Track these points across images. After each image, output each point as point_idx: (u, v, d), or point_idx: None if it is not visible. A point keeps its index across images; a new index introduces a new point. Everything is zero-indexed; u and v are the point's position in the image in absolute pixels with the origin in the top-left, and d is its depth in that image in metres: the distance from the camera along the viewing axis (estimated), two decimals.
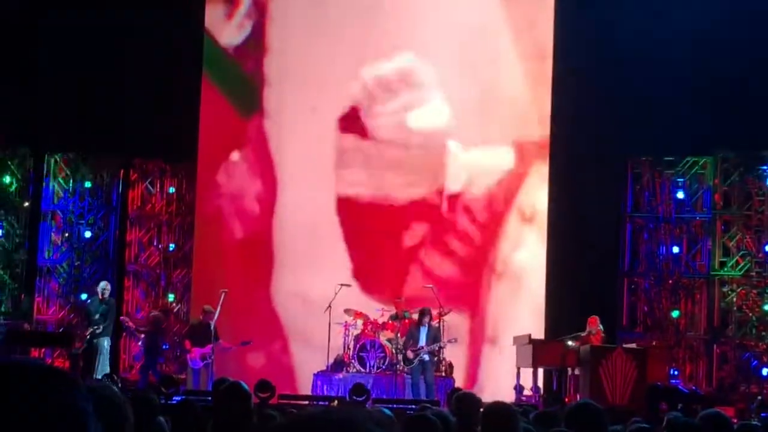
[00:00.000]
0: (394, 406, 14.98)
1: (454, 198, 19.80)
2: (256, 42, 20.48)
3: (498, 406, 5.91)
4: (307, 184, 20.01)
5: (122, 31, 19.86)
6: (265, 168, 20.32)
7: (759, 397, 17.63)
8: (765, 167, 19.80)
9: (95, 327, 17.92)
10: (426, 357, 17.23)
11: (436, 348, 17.52)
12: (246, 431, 4.95)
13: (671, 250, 20.19)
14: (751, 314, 19.75)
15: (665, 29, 18.95)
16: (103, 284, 18.58)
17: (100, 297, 18.27)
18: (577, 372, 16.88)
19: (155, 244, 21.61)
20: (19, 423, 1.70)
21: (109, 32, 19.92)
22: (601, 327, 17.37)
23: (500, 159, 19.84)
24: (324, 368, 18.27)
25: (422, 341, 17.27)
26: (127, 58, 19.97)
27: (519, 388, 17.58)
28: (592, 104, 19.11)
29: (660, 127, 19.52)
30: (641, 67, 19.20)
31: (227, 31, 20.58)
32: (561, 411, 7.67)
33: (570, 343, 16.84)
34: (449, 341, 17.73)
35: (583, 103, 19.13)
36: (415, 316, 17.78)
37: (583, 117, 19.20)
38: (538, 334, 18.24)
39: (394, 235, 19.65)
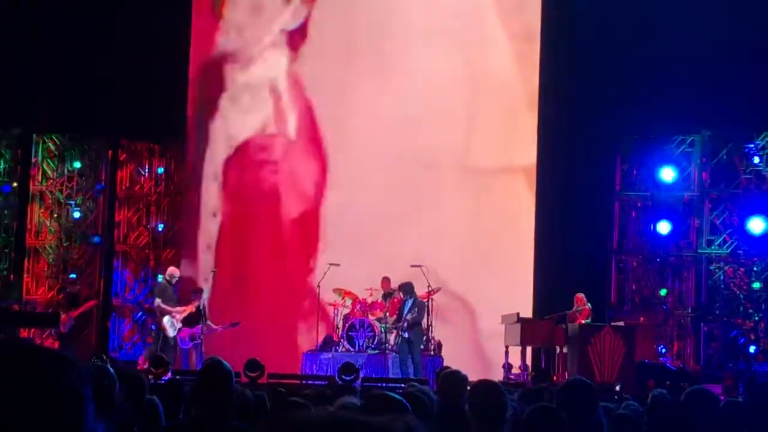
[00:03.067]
0: (383, 384, 15.05)
1: (441, 176, 19.86)
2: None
3: (485, 384, 5.94)
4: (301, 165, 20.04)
5: (111, 10, 19.81)
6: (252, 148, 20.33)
7: (748, 375, 17.71)
8: (752, 145, 19.83)
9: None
10: (406, 334, 17.14)
11: (412, 317, 17.20)
12: (226, 409, 4.99)
13: (659, 227, 20.22)
14: (738, 292, 19.82)
15: (652, 7, 18.97)
16: (173, 269, 18.47)
17: (169, 282, 18.15)
18: (565, 350, 16.96)
19: (144, 224, 21.60)
20: (13, 401, 1.71)
21: (98, 12, 19.87)
22: (588, 305, 17.46)
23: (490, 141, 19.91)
24: (313, 348, 18.31)
25: (406, 316, 17.23)
26: (116, 38, 19.90)
27: (507, 367, 17.65)
28: (580, 84, 19.13)
29: (648, 106, 19.53)
30: (628, 46, 19.20)
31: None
32: (549, 389, 7.72)
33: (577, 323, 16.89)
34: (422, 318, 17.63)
35: (571, 82, 19.15)
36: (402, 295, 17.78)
37: (571, 96, 19.23)
38: (527, 312, 18.32)
39: (379, 214, 19.67)
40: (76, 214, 21.15)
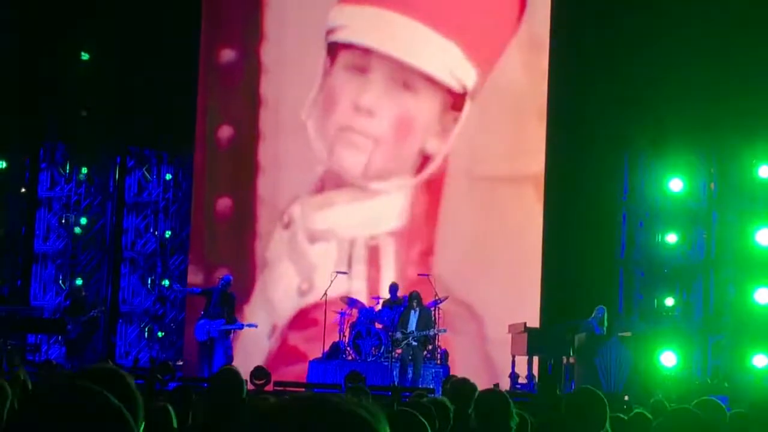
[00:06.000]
0: (390, 393, 15.03)
1: (450, 184, 19.87)
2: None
3: (490, 394, 5.93)
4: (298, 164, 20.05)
5: (120, 15, 19.85)
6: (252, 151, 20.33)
7: (754, 387, 17.66)
8: (760, 157, 19.77)
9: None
10: (414, 342, 17.14)
11: (428, 335, 17.35)
12: (238, 418, 4.98)
13: (666, 238, 20.17)
14: (744, 302, 19.73)
15: (661, 17, 18.97)
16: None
17: (214, 287, 18.07)
18: (572, 360, 16.91)
19: (152, 230, 21.62)
20: None
21: (106, 19, 19.91)
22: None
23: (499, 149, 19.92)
24: (320, 356, 18.29)
25: (412, 326, 17.22)
26: (124, 43, 19.93)
27: (514, 376, 17.62)
28: (589, 93, 19.12)
29: (657, 116, 19.52)
30: (637, 55, 19.19)
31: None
32: (556, 398, 7.71)
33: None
34: (438, 332, 17.66)
35: (580, 92, 19.14)
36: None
37: (579, 106, 19.22)
38: (534, 321, 18.29)
39: (383, 221, 19.70)
40: (84, 220, 21.17)
